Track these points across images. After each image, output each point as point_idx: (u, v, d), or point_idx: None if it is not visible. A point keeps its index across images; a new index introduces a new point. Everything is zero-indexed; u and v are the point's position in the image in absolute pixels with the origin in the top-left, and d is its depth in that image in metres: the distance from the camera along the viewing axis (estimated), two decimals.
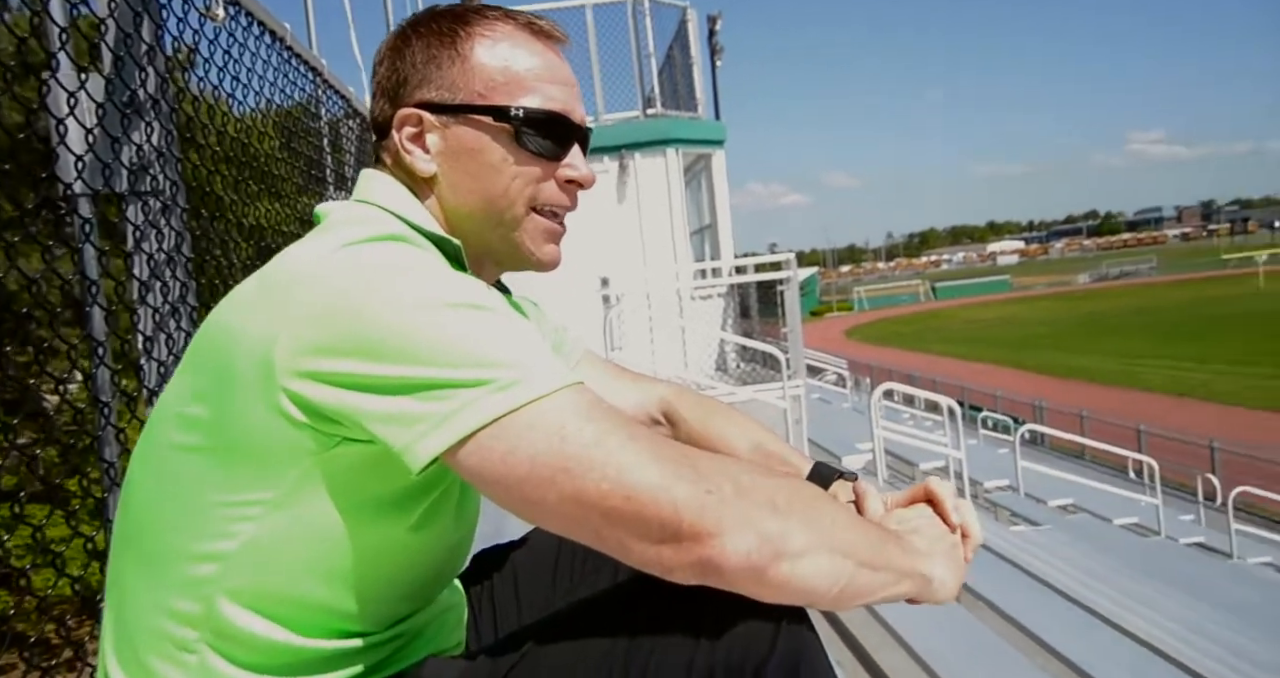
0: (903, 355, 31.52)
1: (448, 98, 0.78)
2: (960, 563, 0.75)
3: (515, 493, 0.61)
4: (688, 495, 0.59)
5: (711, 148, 9.65)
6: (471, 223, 0.81)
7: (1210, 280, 54.79)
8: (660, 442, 0.63)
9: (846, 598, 0.65)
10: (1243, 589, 5.75)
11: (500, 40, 0.78)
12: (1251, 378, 20.23)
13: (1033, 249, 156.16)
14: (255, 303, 0.67)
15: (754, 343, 7.06)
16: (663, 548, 0.60)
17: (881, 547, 0.67)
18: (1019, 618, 3.17)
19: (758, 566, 0.60)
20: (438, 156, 0.79)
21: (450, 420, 0.60)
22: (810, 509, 0.63)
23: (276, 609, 0.71)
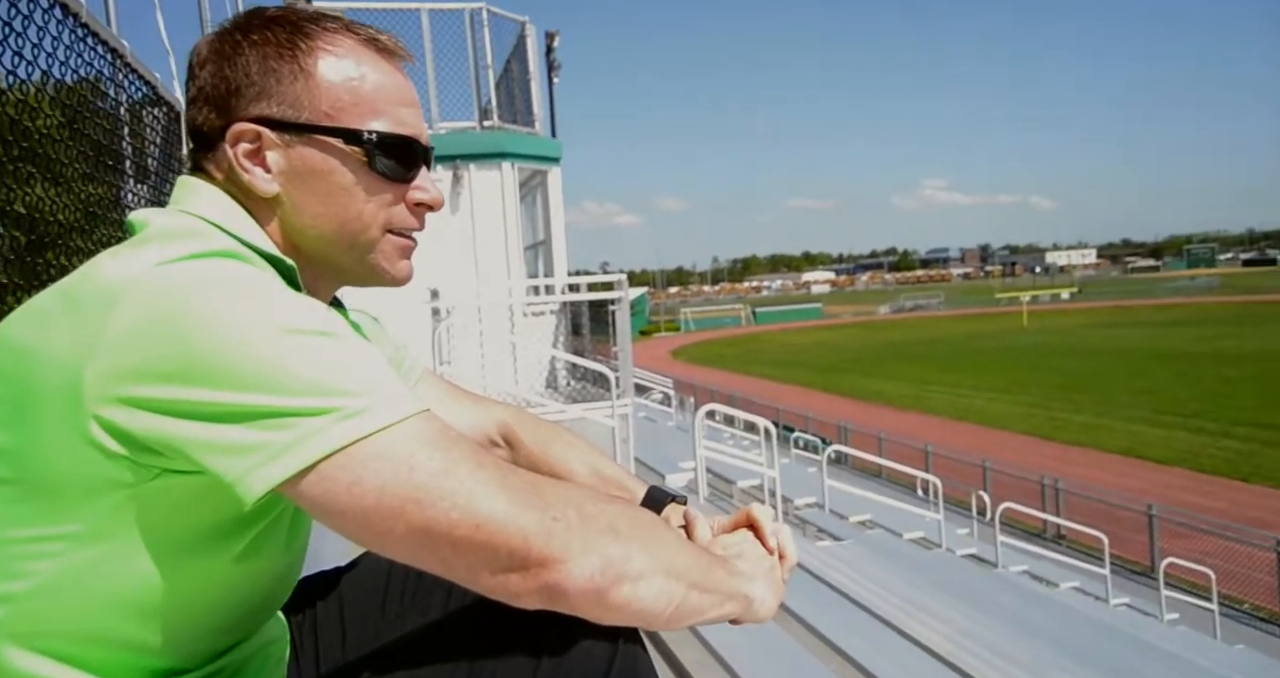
0: (725, 376, 33.00)
1: (291, 115, 0.73)
2: (778, 584, 0.80)
3: (361, 524, 0.60)
4: (535, 523, 0.60)
5: (548, 164, 9.69)
6: (320, 244, 0.77)
7: (985, 316, 61.74)
8: (508, 470, 0.63)
9: (679, 619, 0.68)
10: (1005, 596, 6.51)
11: (345, 57, 0.74)
12: (1016, 405, 23.01)
13: (842, 280, 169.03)
14: (58, 320, 0.61)
15: (585, 361, 7.13)
16: (510, 575, 0.61)
17: (710, 570, 0.71)
18: (819, 628, 3.42)
19: (600, 589, 0.61)
20: (280, 176, 0.74)
21: (291, 450, 0.58)
22: (648, 535, 0.66)
23: (74, 651, 0.65)
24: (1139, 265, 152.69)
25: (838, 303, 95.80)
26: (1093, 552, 9.94)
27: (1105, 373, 27.56)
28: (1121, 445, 17.32)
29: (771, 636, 2.90)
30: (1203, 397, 21.82)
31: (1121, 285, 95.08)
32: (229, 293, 0.60)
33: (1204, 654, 6.53)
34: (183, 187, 0.76)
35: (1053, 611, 6.55)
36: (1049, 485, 12.27)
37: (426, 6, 8.10)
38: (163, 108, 3.21)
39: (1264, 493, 13.48)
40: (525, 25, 9.68)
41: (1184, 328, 40.91)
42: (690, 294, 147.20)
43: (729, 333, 63.58)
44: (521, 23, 9.64)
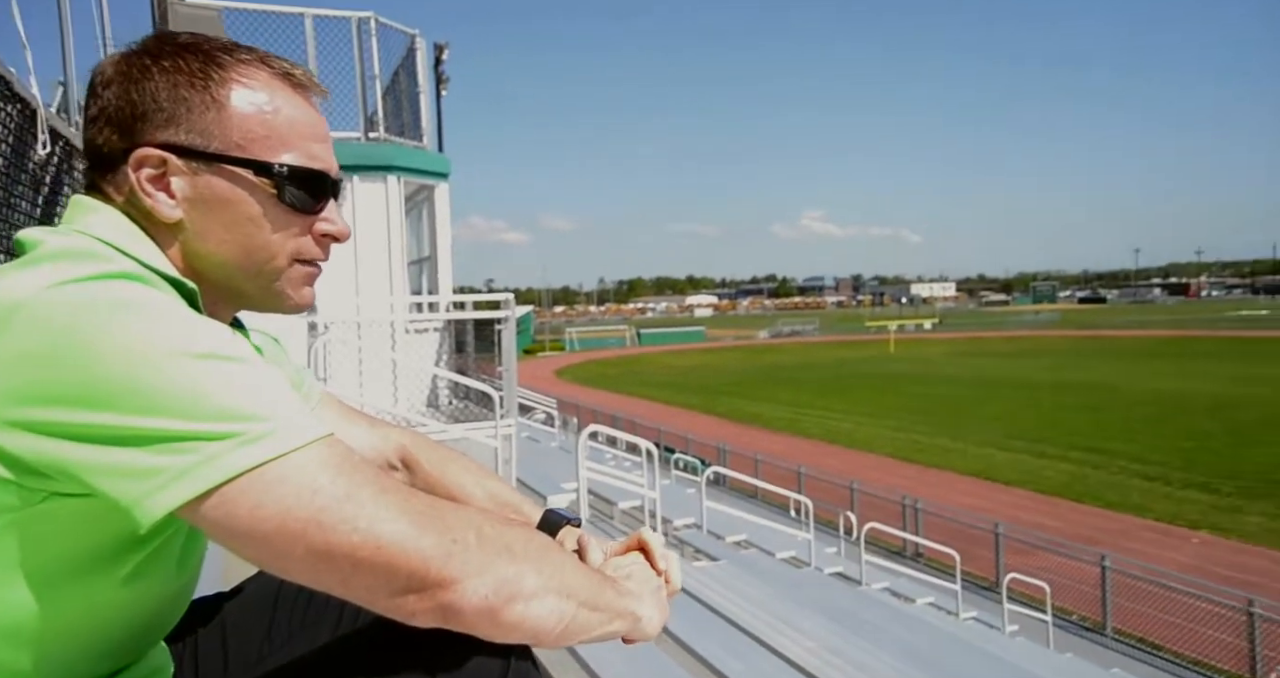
0: (609, 397, 33.15)
1: (200, 144, 0.73)
2: (664, 604, 0.85)
3: (262, 546, 0.61)
4: (434, 546, 0.63)
5: (436, 179, 9.54)
6: (223, 271, 0.77)
7: (857, 343, 64.89)
8: (409, 494, 0.66)
9: (569, 636, 0.71)
10: (868, 612, 6.86)
11: (258, 89, 0.75)
12: (882, 428, 24.29)
13: (724, 304, 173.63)
14: None
15: (469, 381, 7.04)
16: (409, 596, 0.63)
17: (600, 590, 0.74)
18: (695, 647, 3.53)
19: (494, 607, 0.64)
20: (184, 203, 0.74)
21: (191, 474, 0.58)
22: (542, 556, 0.69)
23: None
24: (992, 300, 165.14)
25: (720, 326, 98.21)
26: (946, 569, 10.61)
27: (962, 399, 29.52)
28: (974, 468, 18.59)
29: (649, 655, 2.97)
30: (1044, 423, 23.77)
31: (977, 317, 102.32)
32: (129, 315, 0.60)
33: (1038, 663, 7.11)
34: (77, 206, 0.75)
35: (910, 625, 6.95)
36: (909, 506, 13.02)
37: (312, 12, 7.85)
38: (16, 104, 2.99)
39: (1093, 512, 14.81)
40: (416, 38, 9.52)
41: (1029, 359, 44.43)
42: (576, 314, 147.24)
43: (614, 353, 63.95)
44: (412, 35, 9.48)
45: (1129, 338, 57.25)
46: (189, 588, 0.83)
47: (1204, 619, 9.10)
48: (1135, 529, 13.63)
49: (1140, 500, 15.22)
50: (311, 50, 7.83)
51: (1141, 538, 13.07)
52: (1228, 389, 28.50)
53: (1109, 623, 9.80)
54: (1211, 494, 15.45)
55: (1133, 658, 9.16)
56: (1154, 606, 9.58)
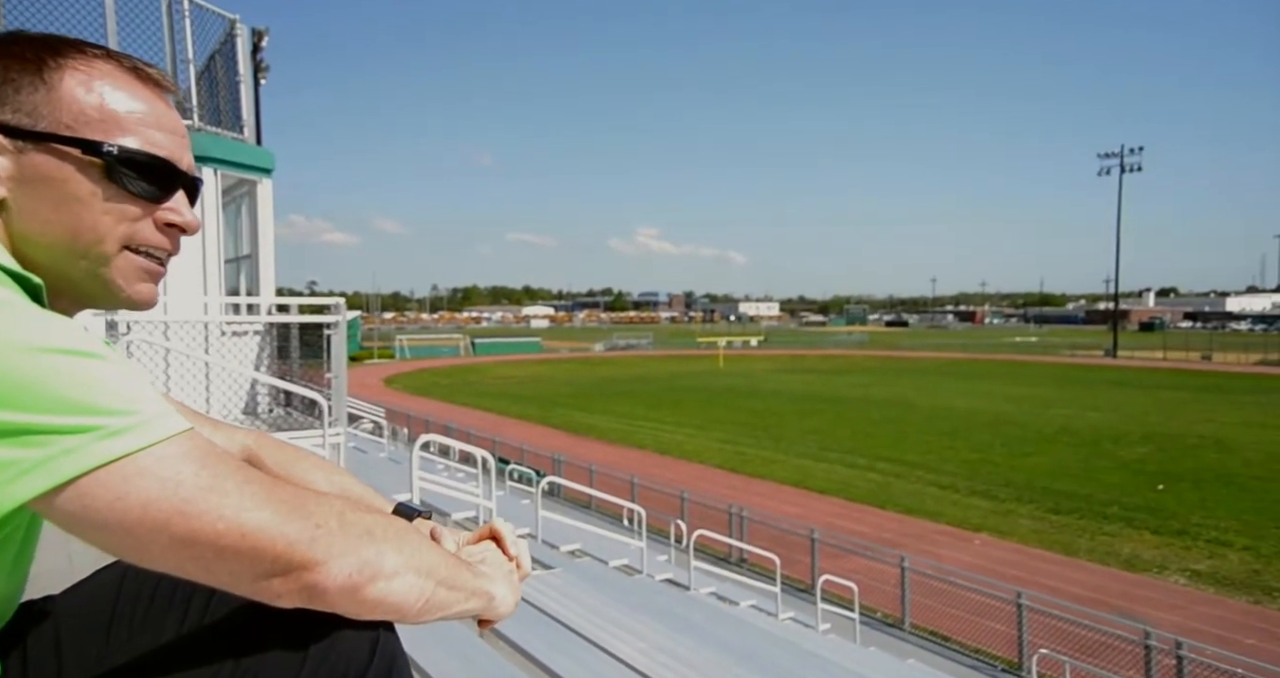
0: (441, 406, 32.23)
1: (26, 123, 0.72)
2: (517, 585, 0.92)
3: (123, 536, 0.62)
4: (298, 531, 0.66)
5: (257, 175, 8.97)
6: (50, 254, 0.75)
7: (688, 357, 67.17)
8: (272, 484, 0.68)
9: (428, 612, 0.76)
10: (696, 615, 7.14)
11: (98, 78, 0.75)
12: (711, 440, 25.28)
13: (560, 316, 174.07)
14: None
15: (295, 387, 6.67)
16: (273, 579, 0.66)
17: (457, 570, 0.79)
18: (530, 650, 3.55)
19: (357, 585, 0.69)
20: (9, 182, 0.73)
21: (45, 467, 0.59)
22: (400, 538, 0.74)
23: None
24: (810, 320, 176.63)
25: (556, 338, 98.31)
26: (768, 573, 11.23)
27: (783, 413, 31.32)
28: (793, 478, 19.78)
29: (484, 657, 2.97)
30: (855, 436, 25.72)
31: (797, 336, 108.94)
32: None
33: (847, 657, 7.69)
34: None
35: (734, 626, 7.31)
36: (735, 514, 13.66)
37: None
38: None
39: (895, 517, 16.21)
40: (235, 23, 8.91)
41: (842, 376, 47.92)
42: (407, 321, 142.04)
43: (446, 362, 62.29)
44: (231, 20, 8.87)
45: (926, 359, 63.19)
46: (17, 593, 0.81)
47: (984, 612, 10.23)
48: (930, 533, 15.06)
49: (934, 507, 16.84)
50: (112, 27, 7.11)
51: (935, 540, 14.47)
52: (1004, 407, 32.16)
53: (907, 618, 10.78)
54: (991, 500, 17.37)
55: (926, 649, 10.12)
56: (944, 601, 10.65)
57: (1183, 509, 16.27)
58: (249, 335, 8.05)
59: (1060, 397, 35.53)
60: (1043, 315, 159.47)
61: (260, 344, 8.10)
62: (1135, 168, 69.54)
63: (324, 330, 7.51)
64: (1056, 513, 16.25)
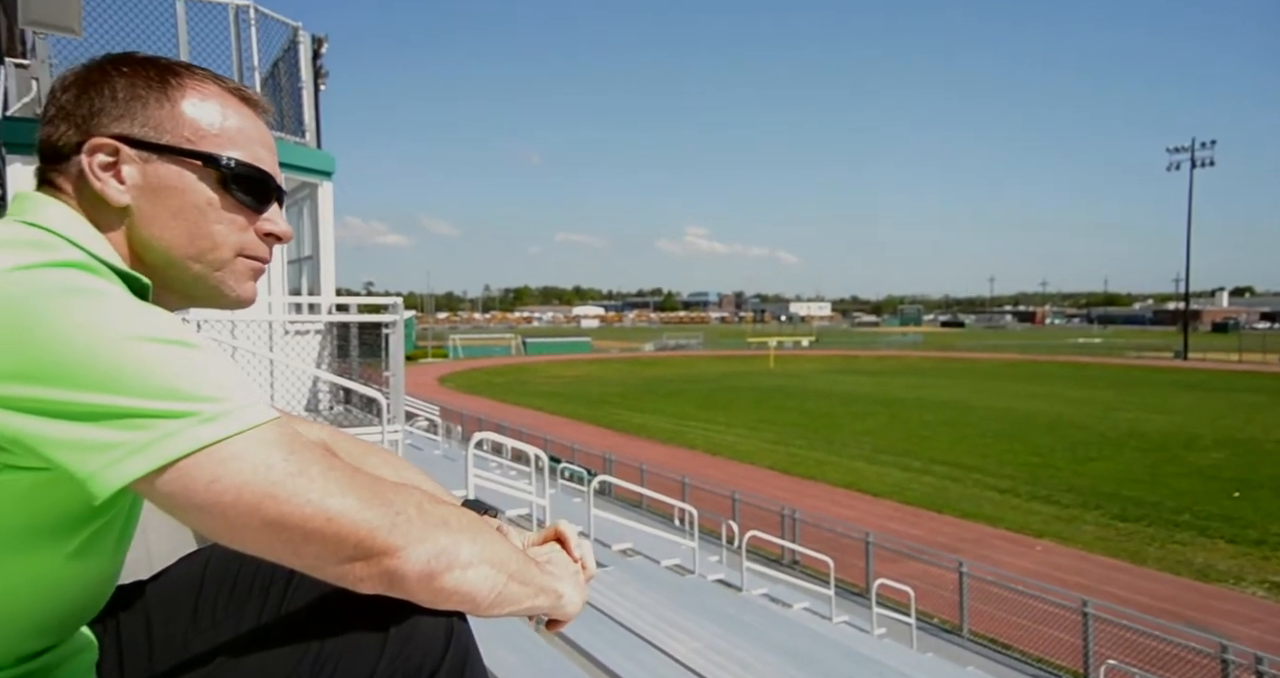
0: (493, 405, 32.66)
1: (152, 136, 0.77)
2: (583, 586, 0.92)
3: (218, 517, 0.65)
4: (379, 518, 0.68)
5: (319, 178, 9.21)
6: (166, 257, 0.79)
7: (739, 358, 66.83)
8: (354, 471, 0.71)
9: (499, 605, 0.78)
10: (749, 616, 7.08)
11: (210, 98, 0.80)
12: (761, 441, 25.09)
13: (611, 316, 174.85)
14: None
15: (356, 385, 6.82)
16: (355, 563, 0.68)
17: (527, 566, 0.81)
18: (582, 644, 3.57)
19: (434, 573, 0.71)
20: (133, 189, 0.77)
21: (148, 449, 0.61)
22: (474, 530, 0.76)
23: None
24: (863, 320, 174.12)
25: (606, 338, 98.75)
26: (821, 575, 11.09)
27: (835, 414, 30.91)
28: (846, 480, 19.50)
29: (542, 653, 2.99)
30: (909, 438, 25.24)
31: (849, 336, 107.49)
32: (82, 300, 0.62)
33: (904, 662, 7.55)
34: (22, 200, 0.77)
35: (788, 628, 7.23)
36: (787, 516, 13.53)
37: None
38: None
39: (952, 522, 15.85)
40: (298, 31, 9.15)
41: (896, 377, 47.09)
42: (460, 321, 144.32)
43: (499, 362, 63.10)
44: (294, 27, 9.12)
45: (984, 360, 61.69)
46: (119, 571, 0.84)
47: (1046, 620, 9.92)
48: (988, 538, 14.69)
49: (993, 512, 16.42)
50: (183, 36, 7.39)
51: (994, 546, 14.11)
52: (1066, 410, 31.18)
53: (965, 625, 10.52)
54: (1053, 506, 16.86)
55: (986, 657, 9.87)
56: (1004, 608, 10.36)
57: (1261, 518, 15.54)
58: (310, 334, 8.27)
59: (1126, 400, 34.31)
60: (1107, 316, 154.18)
61: (321, 343, 8.31)
62: (1207, 162, 66.86)
63: (382, 330, 7.67)
64: (1123, 520, 15.69)
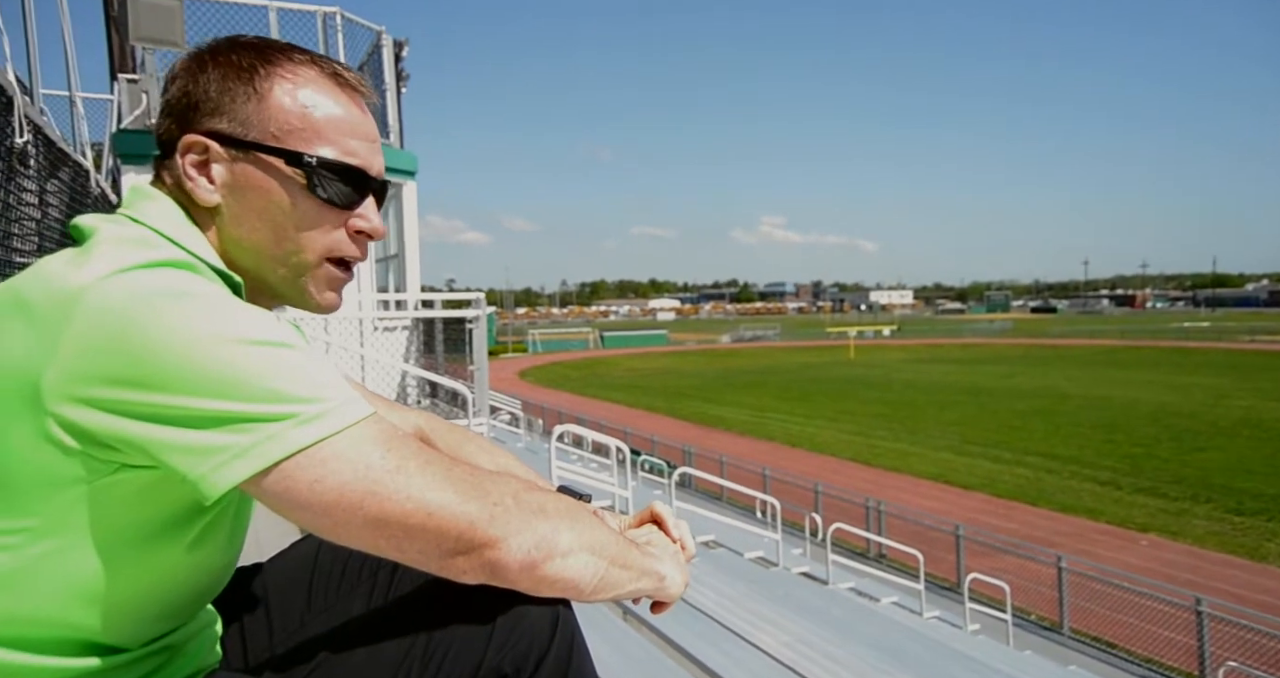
0: (572, 399, 33.09)
1: (239, 132, 0.76)
2: (684, 567, 0.90)
3: (322, 516, 0.66)
4: (478, 510, 0.68)
5: (403, 178, 9.46)
6: (253, 257, 0.79)
7: (817, 348, 65.74)
8: (450, 464, 0.70)
9: (602, 590, 0.76)
10: (836, 609, 6.96)
11: (302, 85, 0.78)
12: (842, 432, 24.63)
13: (686, 309, 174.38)
14: (10, 323, 0.63)
15: (443, 379, 6.99)
16: (458, 556, 0.68)
17: (627, 549, 0.79)
18: (671, 635, 3.56)
19: (535, 562, 0.70)
20: (222, 188, 0.77)
21: (252, 452, 0.62)
22: (572, 516, 0.74)
23: (27, 634, 0.67)
24: (948, 307, 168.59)
25: (682, 330, 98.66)
26: (909, 569, 10.80)
27: (919, 405, 30.07)
28: (932, 471, 18.95)
29: (632, 643, 3.00)
30: (1000, 428, 24.33)
31: (933, 325, 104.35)
32: (182, 303, 0.63)
33: (1001, 660, 7.28)
34: (134, 193, 0.79)
35: (876, 622, 7.08)
36: (872, 508, 13.23)
37: (276, 5, 7.76)
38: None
39: (1048, 515, 15.20)
40: (381, 34, 9.43)
41: (984, 366, 45.46)
42: (538, 315, 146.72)
43: (577, 356, 63.84)
44: (378, 32, 9.40)
45: (1079, 347, 58.93)
46: (237, 556, 0.86)
47: (1155, 618, 9.40)
48: (1088, 532, 14.03)
49: (1092, 504, 15.67)
50: None
51: (1094, 540, 13.46)
52: (1171, 397, 29.48)
53: (1065, 622, 10.07)
54: (1159, 498, 15.97)
55: (1090, 656, 9.42)
56: (1108, 605, 9.87)
57: None
58: (398, 330, 8.53)
59: (1238, 386, 32.18)
60: (1216, 298, 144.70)
61: (409, 339, 8.57)
62: None
63: (465, 324, 7.85)
64: (1239, 514, 14.72)
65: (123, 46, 8.21)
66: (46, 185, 3.30)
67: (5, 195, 2.73)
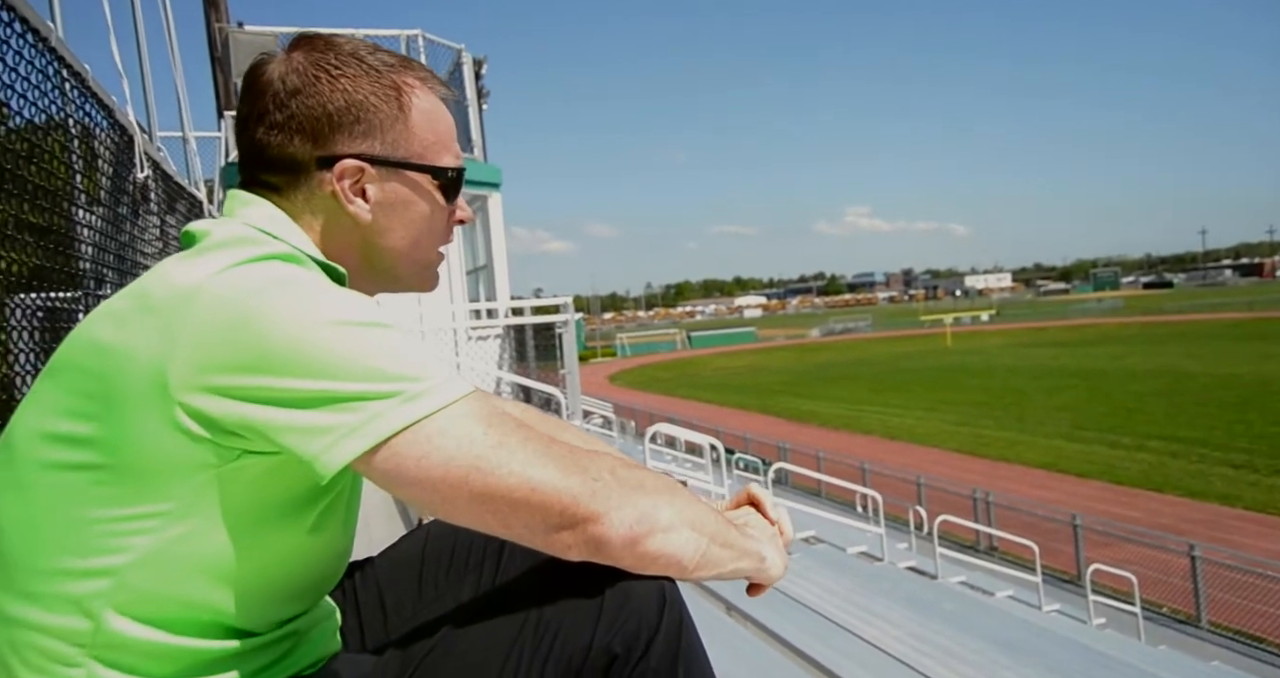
0: (663, 400, 33.18)
1: (390, 153, 0.81)
2: (783, 550, 0.88)
3: (430, 492, 0.67)
4: (579, 485, 0.69)
5: (488, 190, 9.71)
6: (394, 261, 0.85)
7: (911, 338, 63.75)
8: (549, 441, 0.71)
9: (704, 568, 0.76)
10: (948, 603, 6.72)
11: (423, 98, 0.83)
12: (944, 423, 23.79)
13: (773, 304, 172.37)
14: (138, 320, 0.67)
15: (535, 384, 7.13)
16: (562, 531, 0.69)
17: (727, 528, 0.79)
18: (777, 630, 3.52)
19: (636, 537, 0.70)
20: (374, 206, 0.82)
21: (362, 430, 0.65)
22: (671, 492, 0.75)
23: (168, 615, 0.71)
24: (1050, 288, 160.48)
25: (770, 327, 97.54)
26: (1024, 562, 10.33)
27: (1025, 391, 28.76)
28: (1044, 460, 18.08)
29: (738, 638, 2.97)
30: (1116, 412, 22.99)
31: (1035, 307, 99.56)
32: (290, 290, 0.67)
33: (1134, 655, 6.87)
34: (235, 199, 0.83)
35: (993, 616, 6.80)
36: (980, 499, 12.73)
37: (363, 32, 8.13)
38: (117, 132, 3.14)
39: (1175, 502, 14.26)
40: (461, 53, 9.74)
41: (1094, 347, 43.08)
42: (625, 319, 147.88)
43: (665, 357, 63.98)
44: (457, 50, 9.70)
45: (1200, 322, 55.11)
46: (350, 545, 0.89)
47: None
48: (1223, 519, 13.08)
49: (1226, 489, 14.60)
50: None
51: (1230, 527, 12.53)
52: None
53: (1203, 615, 9.41)
54: None
55: (1235, 651, 8.77)
56: (1250, 597, 9.17)
57: None
58: (490, 339, 8.76)
59: None
60: None
61: (501, 347, 8.78)
62: None
63: (555, 330, 7.99)
64: None
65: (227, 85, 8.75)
66: (166, 217, 3.56)
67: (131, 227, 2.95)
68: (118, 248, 2.67)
